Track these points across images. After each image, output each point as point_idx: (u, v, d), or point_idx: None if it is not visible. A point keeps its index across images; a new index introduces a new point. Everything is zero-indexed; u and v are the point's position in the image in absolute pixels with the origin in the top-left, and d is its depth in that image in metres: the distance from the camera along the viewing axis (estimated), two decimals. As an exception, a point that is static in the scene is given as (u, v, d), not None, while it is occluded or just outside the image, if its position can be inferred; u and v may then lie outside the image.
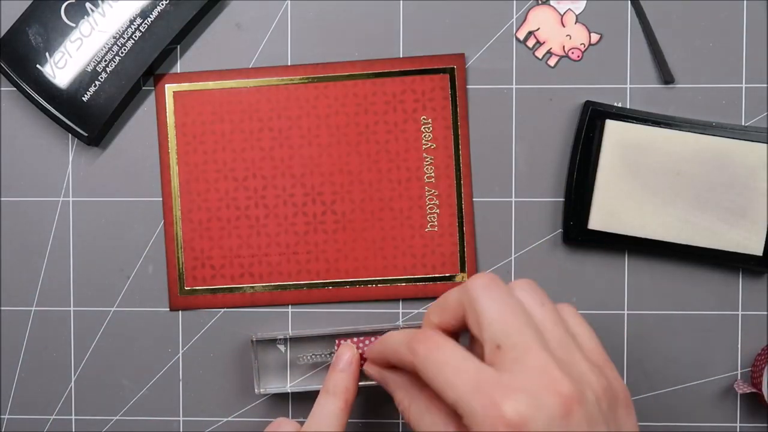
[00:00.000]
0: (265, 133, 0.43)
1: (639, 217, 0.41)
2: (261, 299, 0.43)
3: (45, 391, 0.44)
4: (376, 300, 0.43)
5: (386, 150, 0.42)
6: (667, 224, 0.41)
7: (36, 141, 0.44)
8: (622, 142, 0.41)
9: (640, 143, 0.41)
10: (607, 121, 0.41)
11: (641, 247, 0.42)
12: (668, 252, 0.42)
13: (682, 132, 0.41)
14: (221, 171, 0.43)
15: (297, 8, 0.43)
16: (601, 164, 0.41)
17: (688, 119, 0.41)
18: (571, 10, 0.42)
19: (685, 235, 0.41)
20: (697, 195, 0.41)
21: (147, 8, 0.42)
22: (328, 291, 0.43)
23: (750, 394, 0.42)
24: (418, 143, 0.42)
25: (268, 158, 0.43)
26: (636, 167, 0.41)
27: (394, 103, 0.42)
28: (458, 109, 0.42)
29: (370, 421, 0.43)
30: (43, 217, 0.44)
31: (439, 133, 0.42)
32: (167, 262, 0.43)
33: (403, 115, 0.42)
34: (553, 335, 0.31)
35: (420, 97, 0.42)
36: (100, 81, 0.42)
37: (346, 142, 0.43)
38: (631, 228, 0.41)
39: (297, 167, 0.43)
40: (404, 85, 0.42)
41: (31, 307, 0.44)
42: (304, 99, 0.43)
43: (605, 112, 0.41)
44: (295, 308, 0.43)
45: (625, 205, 0.41)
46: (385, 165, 0.42)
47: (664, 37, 0.42)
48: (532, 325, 0.30)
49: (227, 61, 0.43)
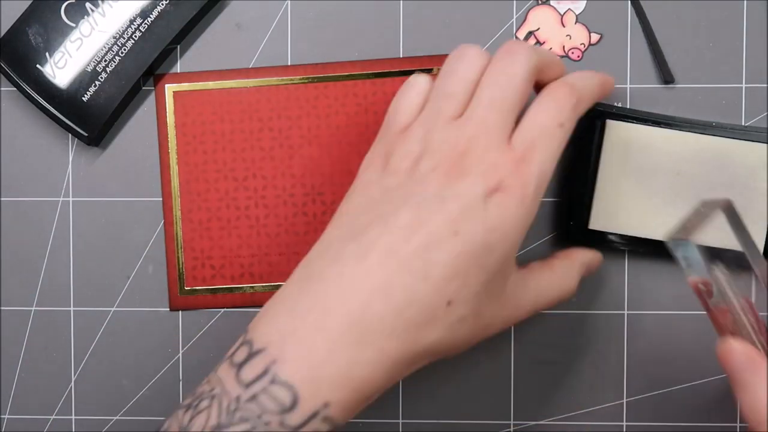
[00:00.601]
0: (265, 133, 0.43)
1: (639, 217, 0.41)
2: (261, 299, 0.43)
3: (45, 391, 0.44)
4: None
5: None
6: (668, 224, 0.41)
7: (36, 141, 0.44)
8: (623, 142, 0.41)
9: (640, 143, 0.41)
10: (607, 121, 0.41)
11: (642, 247, 0.42)
12: (669, 252, 0.42)
13: (682, 132, 0.41)
14: (221, 171, 0.43)
15: (297, 8, 0.43)
16: (602, 164, 0.41)
17: (688, 119, 0.41)
18: (571, 10, 0.42)
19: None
20: (697, 195, 0.41)
21: (147, 8, 0.42)
22: None
23: (750, 394, 0.42)
24: None
25: (268, 158, 0.43)
26: (636, 167, 0.41)
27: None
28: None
29: (371, 421, 0.43)
30: (43, 217, 0.44)
31: None
32: (167, 262, 0.43)
33: None
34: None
35: None
36: (100, 81, 0.42)
37: (346, 142, 0.43)
38: (631, 228, 0.41)
39: (297, 167, 0.43)
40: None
41: (31, 307, 0.44)
42: (304, 99, 0.43)
43: (605, 112, 0.41)
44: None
45: (626, 205, 0.41)
46: None
47: (664, 37, 0.42)
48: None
49: (227, 61, 0.43)
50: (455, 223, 0.31)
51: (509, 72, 0.34)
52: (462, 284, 0.31)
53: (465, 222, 0.31)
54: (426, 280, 0.31)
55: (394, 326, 0.31)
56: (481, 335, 0.34)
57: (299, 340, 0.31)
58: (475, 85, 0.35)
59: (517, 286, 0.35)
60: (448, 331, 0.32)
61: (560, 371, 0.43)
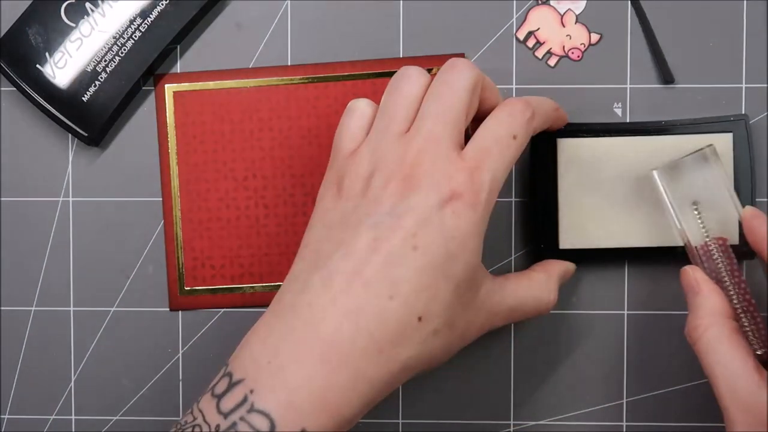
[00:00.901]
0: (266, 133, 0.43)
1: (606, 228, 0.41)
2: (262, 299, 0.43)
3: (45, 391, 0.44)
4: None
5: None
6: (637, 230, 0.41)
7: (36, 141, 0.44)
8: (577, 158, 0.41)
9: (594, 156, 0.41)
10: (558, 139, 0.41)
11: (615, 258, 0.42)
12: (644, 257, 0.41)
13: (634, 137, 0.41)
14: (221, 171, 0.43)
15: (297, 8, 0.43)
16: (560, 183, 0.41)
17: (637, 122, 0.41)
18: (571, 10, 0.42)
19: (656, 238, 0.41)
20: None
21: (147, 8, 0.42)
22: None
23: (750, 394, 0.42)
24: None
25: (268, 158, 0.43)
26: (595, 180, 0.41)
27: None
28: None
29: (371, 421, 0.43)
30: (43, 217, 0.44)
31: None
32: (167, 263, 0.43)
33: None
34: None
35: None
36: (100, 81, 0.42)
37: None
38: (601, 240, 0.41)
39: (297, 167, 0.43)
40: None
41: (31, 307, 0.44)
42: (305, 99, 0.43)
43: (555, 131, 0.41)
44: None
45: (591, 218, 0.41)
46: None
47: (664, 37, 0.42)
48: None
49: (227, 61, 0.43)
50: (414, 237, 0.32)
51: (453, 85, 0.34)
52: (431, 297, 0.32)
53: (423, 235, 0.32)
54: (393, 299, 0.31)
55: (366, 348, 0.31)
56: (458, 345, 0.35)
57: (275, 369, 0.31)
58: (419, 102, 0.35)
59: (494, 293, 0.35)
60: (422, 346, 0.32)
61: (560, 371, 0.43)
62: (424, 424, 0.43)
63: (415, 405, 0.43)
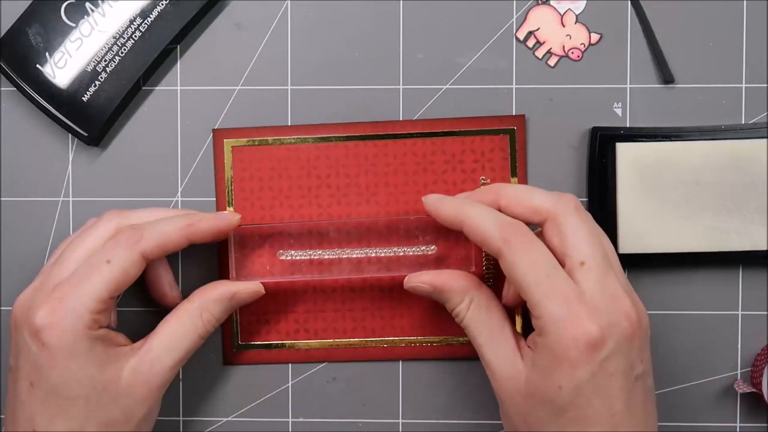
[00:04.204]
0: (323, 190, 0.42)
1: (666, 233, 0.41)
2: (316, 355, 0.43)
3: (45, 391, 0.44)
4: (433, 359, 0.43)
5: None
6: (696, 234, 0.41)
7: (36, 141, 0.44)
8: (636, 163, 0.41)
9: (654, 160, 0.41)
10: (617, 144, 0.41)
11: (673, 263, 0.42)
12: (701, 262, 0.42)
13: (693, 142, 0.41)
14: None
15: (297, 8, 0.43)
16: (620, 188, 0.41)
17: (696, 127, 0.41)
18: (571, 10, 0.42)
19: (715, 243, 0.41)
20: (721, 200, 0.41)
21: (147, 8, 0.42)
22: (383, 349, 0.43)
23: (750, 394, 0.42)
24: None
25: (325, 215, 0.42)
26: (654, 185, 0.41)
27: (453, 162, 0.42)
28: (517, 170, 0.42)
29: (370, 421, 0.43)
30: (43, 217, 0.44)
31: None
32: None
33: (462, 175, 0.42)
34: (617, 263, 0.36)
35: (479, 157, 0.42)
36: (100, 81, 0.42)
37: (404, 201, 0.42)
38: (660, 245, 0.41)
39: (353, 224, 0.42)
40: (464, 145, 0.42)
41: (31, 307, 0.44)
42: (363, 156, 0.42)
43: (614, 135, 0.41)
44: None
45: (651, 224, 0.41)
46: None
47: (664, 37, 0.42)
48: (609, 251, 0.35)
49: (227, 61, 0.43)
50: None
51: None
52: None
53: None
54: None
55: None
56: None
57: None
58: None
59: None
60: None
61: (560, 371, 0.43)
62: (424, 424, 0.43)
63: (415, 405, 0.43)
